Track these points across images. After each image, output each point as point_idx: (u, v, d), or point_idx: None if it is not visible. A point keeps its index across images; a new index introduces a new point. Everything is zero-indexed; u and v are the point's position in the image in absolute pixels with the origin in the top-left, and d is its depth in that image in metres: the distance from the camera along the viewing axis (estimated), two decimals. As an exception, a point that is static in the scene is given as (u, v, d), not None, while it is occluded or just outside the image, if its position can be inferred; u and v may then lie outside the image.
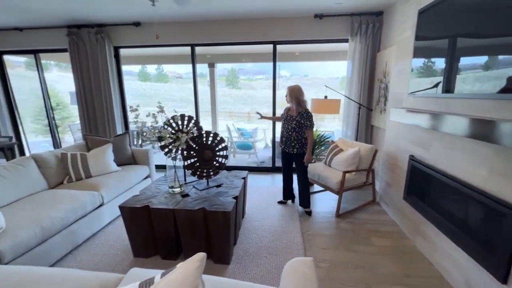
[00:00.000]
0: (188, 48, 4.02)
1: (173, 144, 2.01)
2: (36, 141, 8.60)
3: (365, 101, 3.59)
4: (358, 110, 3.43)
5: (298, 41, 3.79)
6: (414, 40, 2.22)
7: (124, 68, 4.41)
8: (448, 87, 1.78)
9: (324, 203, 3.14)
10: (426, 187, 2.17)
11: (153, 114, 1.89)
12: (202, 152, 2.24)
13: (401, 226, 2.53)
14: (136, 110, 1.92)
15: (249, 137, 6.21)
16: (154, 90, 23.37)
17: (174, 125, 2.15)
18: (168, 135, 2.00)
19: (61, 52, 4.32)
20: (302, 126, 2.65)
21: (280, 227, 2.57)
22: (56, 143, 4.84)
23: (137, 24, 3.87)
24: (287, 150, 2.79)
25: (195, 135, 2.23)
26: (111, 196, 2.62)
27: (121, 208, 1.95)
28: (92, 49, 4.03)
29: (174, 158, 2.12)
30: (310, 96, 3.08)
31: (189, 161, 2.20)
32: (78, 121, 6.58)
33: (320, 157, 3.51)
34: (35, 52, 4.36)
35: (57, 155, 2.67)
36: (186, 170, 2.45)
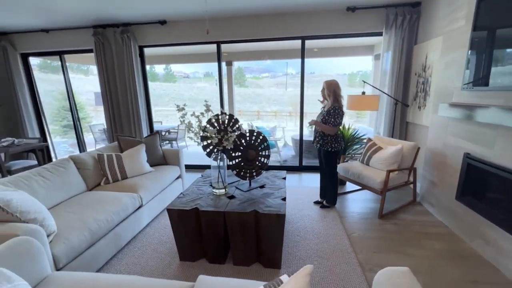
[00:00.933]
0: (208, 46, 3.96)
1: (221, 144, 1.93)
2: (55, 142, 8.75)
3: (399, 96, 3.44)
4: (395, 106, 3.29)
5: (328, 35, 3.67)
6: (471, 31, 2.07)
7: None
8: (522, 79, 1.64)
9: (361, 203, 3.03)
10: (487, 186, 2.03)
11: (201, 113, 1.81)
12: (246, 152, 2.16)
13: (452, 228, 2.39)
14: (183, 109, 1.84)
15: (269, 135, 6.12)
16: (164, 90, 23.58)
17: (216, 124, 2.07)
18: (214, 135, 1.93)
19: (85, 53, 4.33)
20: (326, 122, 2.58)
21: (323, 228, 2.47)
22: (81, 144, 4.87)
23: (162, 22, 3.81)
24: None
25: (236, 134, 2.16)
26: (149, 197, 2.58)
27: (169, 210, 1.89)
28: (118, 48, 4.01)
29: (218, 158, 2.05)
30: (316, 92, 2.93)
31: (233, 162, 2.12)
32: (94, 122, 6.60)
33: (355, 155, 3.38)
34: (60, 53, 4.38)
35: (93, 156, 2.65)
36: (225, 171, 2.38)
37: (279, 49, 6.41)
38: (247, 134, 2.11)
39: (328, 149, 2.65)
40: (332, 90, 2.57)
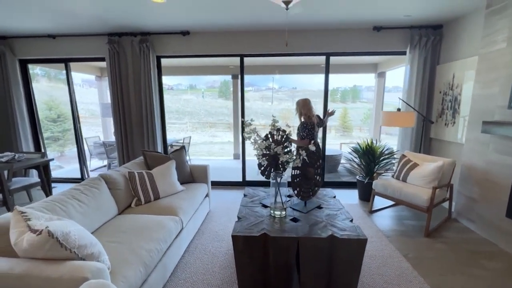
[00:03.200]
0: (223, 59, 3.89)
1: (293, 162, 1.79)
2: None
3: (423, 113, 3.52)
4: (422, 122, 3.35)
5: (353, 53, 3.73)
6: (519, 52, 2.16)
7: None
8: None
9: (398, 220, 2.97)
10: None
11: (270, 132, 1.68)
12: (305, 170, 2.03)
13: (502, 246, 2.38)
14: (250, 124, 1.69)
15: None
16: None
17: (279, 140, 1.93)
18: (282, 152, 1.78)
19: (93, 61, 4.05)
20: (298, 136, 2.95)
21: (374, 249, 2.36)
22: (82, 158, 4.44)
23: (185, 33, 3.68)
24: None
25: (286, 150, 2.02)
26: (187, 220, 2.33)
27: (235, 237, 1.69)
28: (134, 58, 3.79)
29: (280, 178, 1.90)
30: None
31: (295, 180, 1.98)
32: (86, 135, 6.16)
33: (385, 172, 3.35)
34: (66, 61, 4.05)
35: (124, 175, 2.37)
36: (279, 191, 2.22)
37: (288, 64, 6.48)
38: (314, 150, 1.98)
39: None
40: (299, 110, 2.97)
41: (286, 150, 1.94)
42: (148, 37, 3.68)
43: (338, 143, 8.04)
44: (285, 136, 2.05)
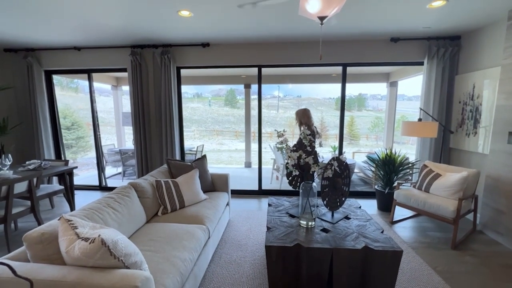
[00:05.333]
0: (236, 69, 3.95)
1: (325, 172, 1.81)
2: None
3: (442, 122, 3.51)
4: (443, 132, 3.33)
5: (370, 63, 3.77)
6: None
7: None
8: None
9: (421, 232, 2.92)
10: None
11: (305, 140, 1.71)
12: (334, 180, 2.04)
13: (534, 259, 2.32)
14: (283, 135, 1.72)
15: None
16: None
17: (309, 149, 1.96)
18: (313, 162, 1.80)
19: (115, 72, 4.18)
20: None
21: (402, 262, 2.31)
22: (101, 166, 4.52)
23: (205, 45, 3.79)
24: None
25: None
26: (212, 228, 2.34)
27: (269, 247, 1.69)
28: (155, 69, 3.90)
29: (310, 188, 1.91)
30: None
31: (324, 190, 1.99)
32: (102, 142, 6.28)
33: (405, 182, 3.32)
34: (89, 72, 4.19)
35: (151, 184, 2.41)
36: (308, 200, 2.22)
37: (297, 74, 6.56)
38: (345, 160, 2.00)
39: None
40: (298, 119, 3.07)
41: (314, 160, 1.96)
42: (169, 48, 3.80)
43: (351, 152, 8.00)
44: (315, 147, 2.08)
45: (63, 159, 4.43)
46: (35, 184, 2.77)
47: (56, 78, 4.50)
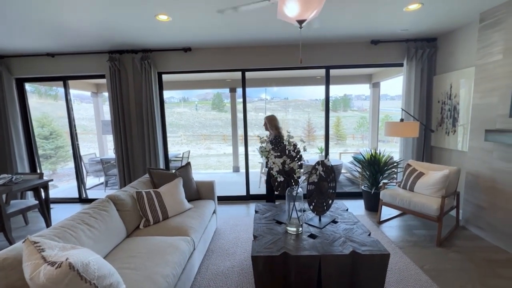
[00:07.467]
0: (220, 73, 3.89)
1: (310, 176, 1.77)
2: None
3: (423, 122, 3.60)
4: (424, 131, 3.41)
5: (351, 65, 3.82)
6: (516, 63, 2.25)
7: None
8: None
9: (407, 231, 2.95)
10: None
11: (289, 145, 1.67)
12: (320, 184, 2.02)
13: (515, 253, 2.39)
14: (265, 141, 1.68)
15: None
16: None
17: (294, 154, 1.92)
18: (297, 168, 1.77)
19: (93, 79, 4.01)
20: None
21: (390, 262, 2.31)
22: (80, 176, 4.30)
23: (187, 49, 3.71)
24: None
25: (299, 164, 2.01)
26: (197, 239, 2.25)
27: (255, 258, 1.63)
28: (136, 75, 3.77)
29: (296, 193, 1.87)
30: (296, 117, 3.74)
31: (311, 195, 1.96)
32: (83, 151, 6.07)
33: (391, 182, 3.36)
34: (64, 79, 4.00)
35: (131, 195, 2.29)
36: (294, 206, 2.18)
37: (282, 76, 6.58)
38: (330, 164, 1.98)
39: None
40: (273, 124, 3.20)
41: (299, 164, 1.93)
42: (149, 54, 3.69)
43: (337, 153, 8.09)
44: (299, 152, 2.05)
45: (38, 171, 4.18)
46: (5, 200, 2.58)
47: (33, 85, 4.25)
